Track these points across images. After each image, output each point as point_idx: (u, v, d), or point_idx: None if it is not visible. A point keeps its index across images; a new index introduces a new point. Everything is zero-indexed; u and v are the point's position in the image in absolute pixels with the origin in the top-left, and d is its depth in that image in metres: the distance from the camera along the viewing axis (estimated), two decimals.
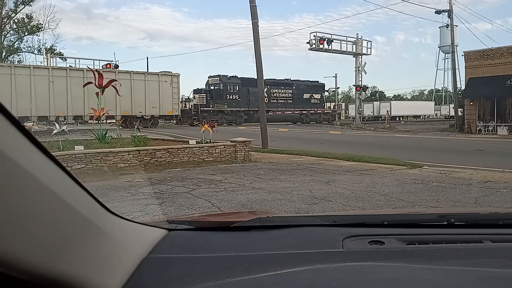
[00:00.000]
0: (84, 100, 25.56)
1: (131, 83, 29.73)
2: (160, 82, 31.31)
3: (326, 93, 49.06)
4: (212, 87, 36.58)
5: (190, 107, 35.50)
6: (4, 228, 0.55)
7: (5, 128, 0.59)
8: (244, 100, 37.14)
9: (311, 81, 44.10)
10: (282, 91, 40.86)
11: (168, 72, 32.41)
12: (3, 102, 0.59)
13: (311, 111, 42.44)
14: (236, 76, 37.67)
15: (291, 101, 41.07)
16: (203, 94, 35.65)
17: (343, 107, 47.64)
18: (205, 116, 33.53)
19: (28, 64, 29.82)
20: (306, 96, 42.09)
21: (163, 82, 31.46)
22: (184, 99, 37.72)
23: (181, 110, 33.68)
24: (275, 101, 40.06)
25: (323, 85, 45.40)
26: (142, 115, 30.53)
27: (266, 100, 38.21)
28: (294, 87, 41.55)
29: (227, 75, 37.20)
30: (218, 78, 36.75)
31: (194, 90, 37.07)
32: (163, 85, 31.35)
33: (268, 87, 38.56)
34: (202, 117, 32.91)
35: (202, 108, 34.72)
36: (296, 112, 41.02)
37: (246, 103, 37.14)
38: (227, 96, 36.28)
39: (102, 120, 13.92)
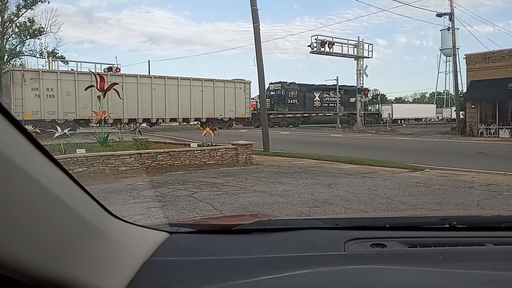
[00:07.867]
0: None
1: (213, 90, 33.88)
2: (236, 89, 35.29)
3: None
4: (273, 93, 40.53)
5: (259, 110, 38.07)
6: (6, 230, 0.55)
7: (6, 130, 0.59)
8: (302, 104, 41.59)
9: (356, 86, 45.67)
10: (332, 95, 44.23)
11: (242, 80, 36.49)
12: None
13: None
14: (294, 83, 41.94)
15: (339, 105, 44.28)
16: (267, 99, 39.40)
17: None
18: (270, 118, 37.68)
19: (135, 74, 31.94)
20: (352, 100, 44.02)
21: (238, 88, 35.47)
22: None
23: (252, 113, 37.28)
24: (326, 104, 44.06)
25: (367, 89, 47.09)
26: (222, 118, 34.20)
27: (319, 104, 43.52)
28: (342, 92, 44.35)
29: (287, 82, 41.51)
30: (280, 85, 40.88)
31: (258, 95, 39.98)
32: (237, 91, 35.40)
33: (320, 92, 43.90)
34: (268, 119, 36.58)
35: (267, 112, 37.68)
36: (344, 114, 43.73)
37: (303, 106, 41.74)
38: (287, 101, 40.44)
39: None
